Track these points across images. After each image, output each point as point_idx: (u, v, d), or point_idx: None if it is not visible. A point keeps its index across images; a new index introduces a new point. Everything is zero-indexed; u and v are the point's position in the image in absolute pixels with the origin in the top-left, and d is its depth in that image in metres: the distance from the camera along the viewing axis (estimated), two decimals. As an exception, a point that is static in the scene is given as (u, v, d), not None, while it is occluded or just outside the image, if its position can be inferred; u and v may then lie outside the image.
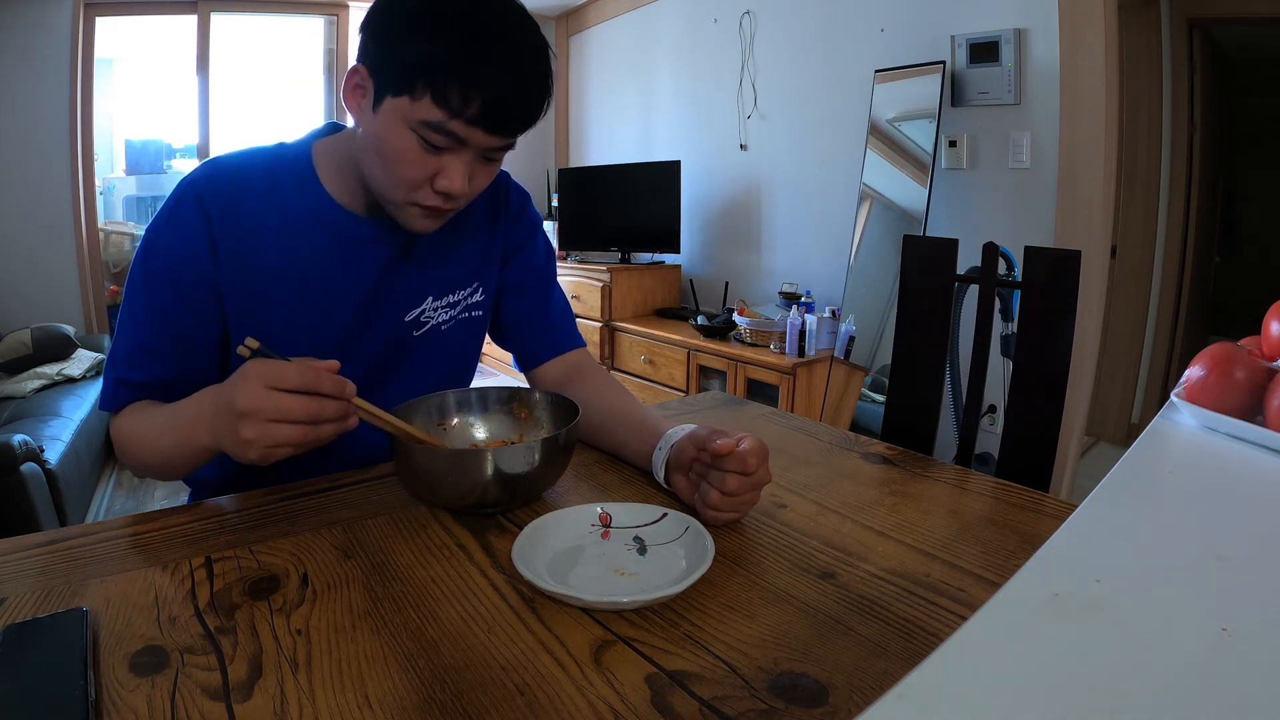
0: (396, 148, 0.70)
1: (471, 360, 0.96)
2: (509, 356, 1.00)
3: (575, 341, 0.98)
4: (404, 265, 0.84)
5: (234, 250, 0.76)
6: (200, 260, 0.76)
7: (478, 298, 0.91)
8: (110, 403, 0.78)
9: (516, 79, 0.69)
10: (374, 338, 0.84)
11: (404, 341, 0.87)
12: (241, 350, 0.63)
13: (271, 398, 0.59)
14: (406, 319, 0.86)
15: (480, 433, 0.82)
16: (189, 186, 0.77)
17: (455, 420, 0.82)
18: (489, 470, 0.66)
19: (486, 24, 0.68)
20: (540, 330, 0.96)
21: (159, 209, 0.78)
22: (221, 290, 0.77)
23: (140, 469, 0.77)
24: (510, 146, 0.74)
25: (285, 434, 0.60)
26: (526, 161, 4.49)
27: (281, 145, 0.83)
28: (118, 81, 3.77)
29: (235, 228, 0.76)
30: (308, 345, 0.80)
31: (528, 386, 0.91)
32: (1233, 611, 0.31)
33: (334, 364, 0.64)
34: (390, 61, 0.68)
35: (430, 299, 0.87)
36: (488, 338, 0.98)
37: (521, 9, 0.72)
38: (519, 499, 0.71)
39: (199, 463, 0.72)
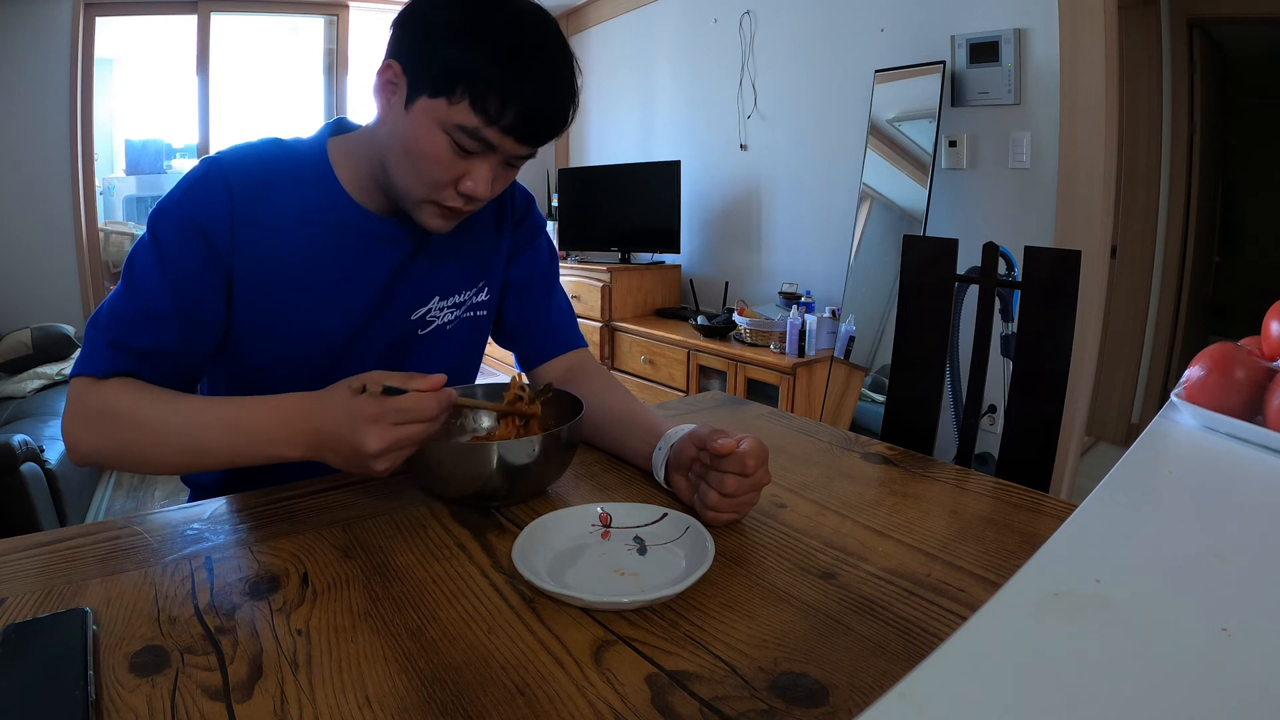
0: (427, 148, 0.70)
1: (475, 359, 0.96)
2: (510, 356, 1.01)
3: (577, 341, 0.98)
4: (415, 265, 0.85)
5: (251, 236, 0.75)
6: (219, 234, 0.74)
7: (483, 297, 0.91)
8: (97, 366, 0.70)
9: (552, 92, 0.70)
10: (380, 336, 0.84)
11: (409, 340, 0.87)
12: (354, 385, 0.63)
13: (396, 433, 0.62)
14: (413, 318, 0.86)
15: (484, 427, 0.83)
16: (215, 162, 0.75)
17: (460, 416, 0.82)
18: (493, 462, 0.67)
19: (527, 36, 0.69)
20: (542, 330, 0.97)
21: (175, 184, 0.75)
22: (233, 273, 0.75)
23: (108, 454, 0.69)
24: (533, 155, 0.76)
25: (408, 452, 0.65)
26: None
27: (295, 139, 0.82)
28: (118, 81, 3.77)
29: (255, 214, 0.75)
30: (314, 341, 0.80)
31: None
32: (1233, 611, 0.31)
33: (439, 379, 0.65)
34: (429, 62, 0.69)
35: (437, 298, 0.87)
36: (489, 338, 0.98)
37: (555, 22, 0.73)
38: (518, 492, 0.71)
39: (234, 466, 0.69)
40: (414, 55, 0.70)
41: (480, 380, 0.94)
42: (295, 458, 0.67)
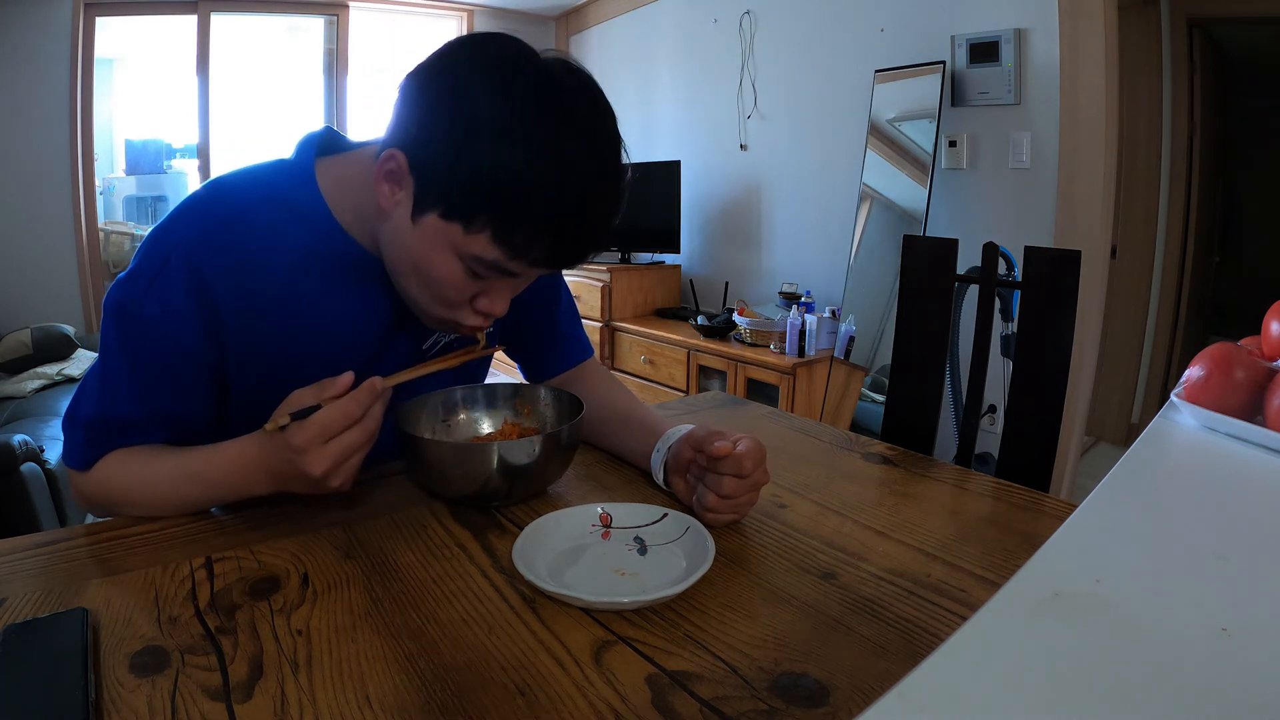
0: (439, 273, 0.63)
1: (484, 368, 0.95)
2: (512, 360, 0.99)
3: (583, 353, 0.97)
4: None
5: (240, 304, 0.68)
6: (187, 338, 0.67)
7: None
8: (78, 461, 0.69)
9: (595, 215, 0.60)
10: (391, 365, 0.78)
11: (419, 362, 0.84)
12: (270, 428, 0.60)
13: (333, 448, 0.60)
14: (424, 346, 0.82)
15: (485, 428, 0.83)
16: (178, 248, 0.65)
17: (461, 416, 0.82)
18: (493, 462, 0.67)
19: (579, 139, 0.58)
20: (547, 341, 0.95)
21: (138, 261, 0.66)
22: (224, 348, 0.69)
23: (139, 514, 0.71)
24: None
25: (357, 460, 0.63)
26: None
27: (279, 167, 0.72)
28: (118, 81, 3.77)
29: (240, 281, 0.67)
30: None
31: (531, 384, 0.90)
32: (1233, 611, 0.31)
33: (346, 380, 0.61)
34: (442, 174, 0.58)
35: None
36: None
37: (611, 112, 0.62)
38: (519, 492, 0.71)
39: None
40: (424, 156, 0.59)
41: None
42: (265, 494, 0.67)
